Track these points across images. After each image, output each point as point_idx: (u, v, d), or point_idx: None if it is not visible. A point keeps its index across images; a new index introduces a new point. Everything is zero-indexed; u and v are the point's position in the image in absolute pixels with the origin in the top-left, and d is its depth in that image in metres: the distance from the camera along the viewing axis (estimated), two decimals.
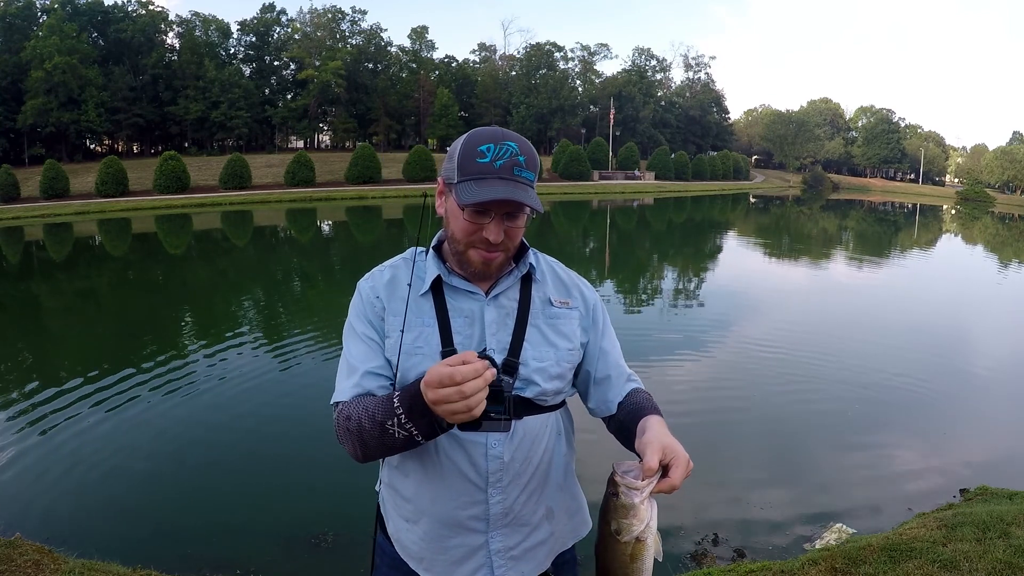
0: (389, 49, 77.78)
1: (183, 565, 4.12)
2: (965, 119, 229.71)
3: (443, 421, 1.15)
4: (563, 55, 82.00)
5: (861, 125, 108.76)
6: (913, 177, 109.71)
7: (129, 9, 65.26)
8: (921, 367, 8.81)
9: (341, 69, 67.53)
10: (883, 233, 35.79)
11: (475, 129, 1.36)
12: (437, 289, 1.40)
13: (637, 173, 67.89)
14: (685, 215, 41.76)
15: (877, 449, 6.20)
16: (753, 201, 60.32)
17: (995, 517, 3.93)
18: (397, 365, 1.34)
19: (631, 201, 51.13)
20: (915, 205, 66.65)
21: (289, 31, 74.01)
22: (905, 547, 3.61)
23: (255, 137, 70.94)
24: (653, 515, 1.15)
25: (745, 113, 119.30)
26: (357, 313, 1.43)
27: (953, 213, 58.61)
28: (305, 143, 76.55)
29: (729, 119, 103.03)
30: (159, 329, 11.35)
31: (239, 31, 72.88)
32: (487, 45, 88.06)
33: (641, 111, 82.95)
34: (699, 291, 15.40)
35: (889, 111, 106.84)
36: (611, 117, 71.95)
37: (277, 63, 74.64)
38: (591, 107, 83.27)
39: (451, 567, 1.41)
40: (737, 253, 24.04)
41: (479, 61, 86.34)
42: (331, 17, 73.80)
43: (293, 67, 73.20)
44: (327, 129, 77.56)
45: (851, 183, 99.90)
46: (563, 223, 32.76)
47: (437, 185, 1.43)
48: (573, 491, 1.56)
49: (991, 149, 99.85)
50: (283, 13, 74.14)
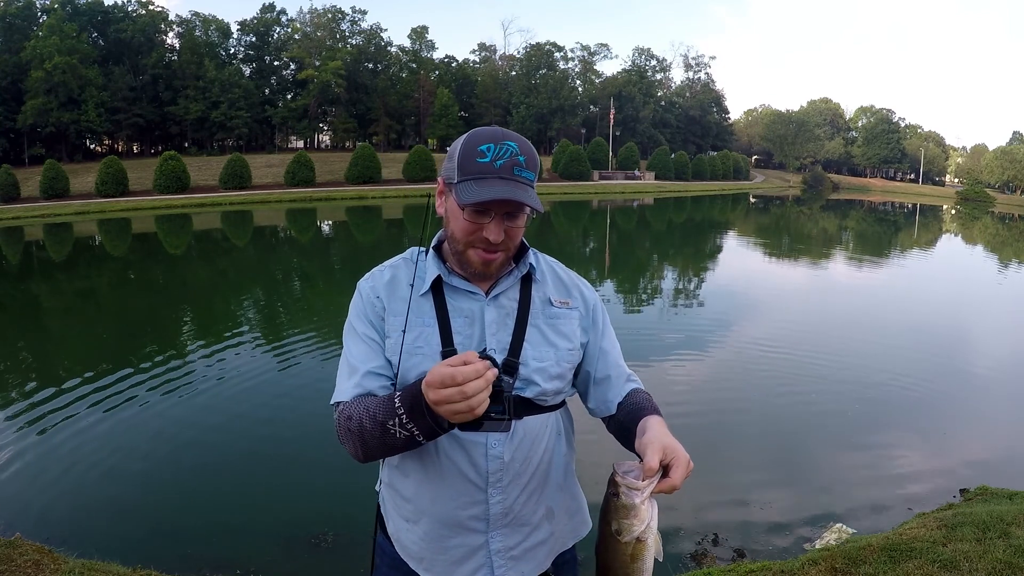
0: (389, 49, 77.82)
1: (183, 565, 4.12)
2: (965, 119, 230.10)
3: (444, 421, 1.15)
4: (563, 55, 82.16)
5: (861, 125, 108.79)
6: (913, 177, 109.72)
7: (129, 9, 65.30)
8: (921, 367, 8.81)
9: (341, 69, 67.55)
10: (883, 233, 35.78)
11: (475, 129, 1.36)
12: (437, 289, 1.40)
13: (637, 173, 67.90)
14: (685, 215, 41.75)
15: (877, 449, 6.19)
16: (753, 201, 60.32)
17: (995, 517, 3.93)
18: (398, 365, 1.34)
19: (631, 201, 51.13)
20: (915, 205, 66.65)
21: (289, 31, 74.05)
22: (905, 547, 3.61)
23: (255, 137, 70.96)
24: (654, 515, 1.15)
25: (745, 113, 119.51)
26: (357, 313, 1.43)
27: (953, 213, 58.60)
28: (305, 143, 76.56)
29: (729, 119, 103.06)
30: (159, 329, 11.35)
31: (239, 31, 72.97)
32: (487, 45, 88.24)
33: (641, 111, 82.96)
34: (699, 291, 15.40)
35: (889, 111, 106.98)
36: (611, 117, 71.94)
37: (277, 63, 74.67)
38: (591, 107, 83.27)
39: (451, 567, 1.41)
40: (737, 253, 24.04)
41: (479, 61, 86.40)
42: (331, 17, 73.82)
43: (293, 67, 73.23)
44: (327, 129, 77.58)
45: (851, 183, 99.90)
46: (563, 223, 32.76)
47: (437, 185, 1.43)
48: (573, 491, 1.56)
49: (991, 149, 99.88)
50: (283, 13, 74.27)
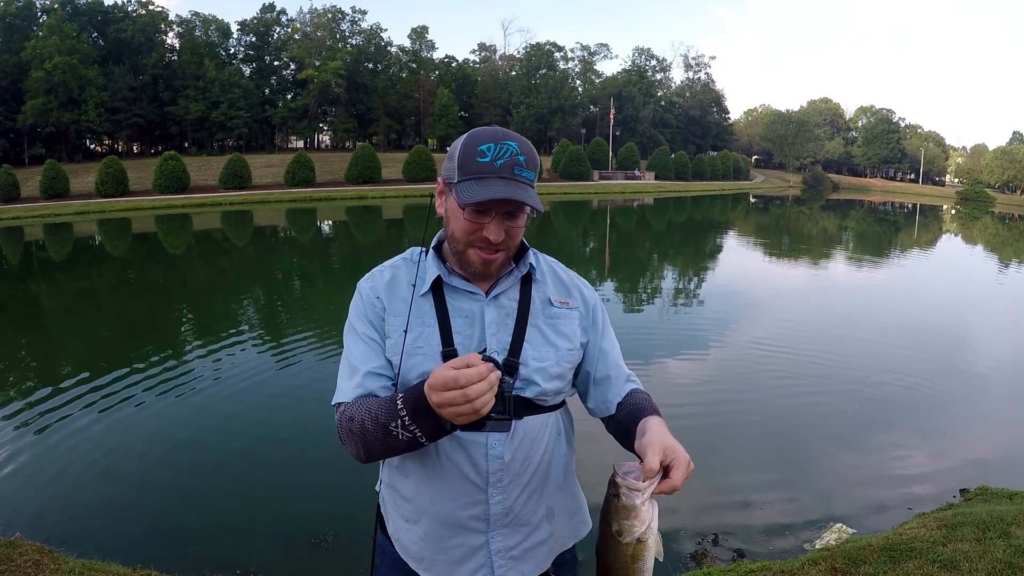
0: (389, 49, 77.80)
1: (183, 565, 4.11)
2: (965, 119, 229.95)
3: (447, 423, 1.15)
4: (563, 55, 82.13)
5: (861, 125, 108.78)
6: (913, 177, 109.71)
7: (129, 9, 65.29)
8: (921, 367, 8.81)
9: (341, 69, 67.54)
10: (883, 233, 35.78)
11: (475, 129, 1.36)
12: (437, 289, 1.40)
13: (637, 173, 67.89)
14: (685, 215, 41.75)
15: (877, 449, 6.20)
16: (753, 201, 60.32)
17: (995, 517, 3.93)
18: (399, 365, 1.34)
19: (631, 201, 51.13)
20: (915, 205, 66.64)
21: (289, 31, 74.04)
22: (905, 547, 3.61)
23: (255, 137, 70.95)
24: (654, 516, 1.15)
25: (745, 113, 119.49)
26: (357, 313, 1.43)
27: (953, 213, 58.60)
28: (305, 143, 76.56)
29: (729, 119, 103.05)
30: (159, 329, 11.34)
31: (239, 31, 72.94)
32: (487, 45, 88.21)
33: (641, 111, 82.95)
34: (699, 291, 15.40)
35: (889, 111, 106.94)
36: (611, 117, 71.94)
37: (277, 63, 74.66)
38: (591, 107, 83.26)
39: (451, 567, 1.41)
40: (737, 253, 24.04)
41: (479, 61, 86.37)
42: (331, 17, 73.82)
43: (293, 67, 73.22)
44: (327, 129, 77.56)
45: (851, 183, 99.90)
46: (563, 223, 32.76)
47: (437, 185, 1.43)
48: (573, 491, 1.56)
49: (991, 149, 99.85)
50: (283, 13, 74.25)
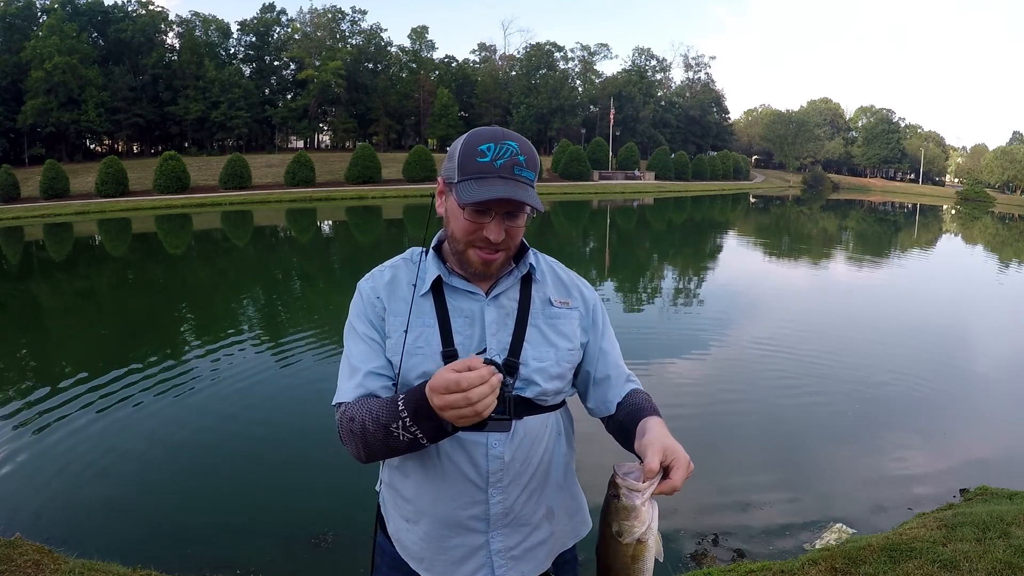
0: (389, 49, 77.79)
1: (183, 565, 4.11)
2: (965, 119, 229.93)
3: (449, 424, 1.15)
4: (563, 55, 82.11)
5: (861, 125, 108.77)
6: (913, 177, 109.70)
7: (129, 9, 65.28)
8: (921, 367, 8.81)
9: (341, 69, 67.54)
10: (883, 233, 35.78)
11: (475, 129, 1.36)
12: (437, 289, 1.40)
13: (637, 173, 67.89)
14: (685, 215, 41.75)
15: (877, 449, 6.19)
16: (753, 201, 60.32)
17: (995, 517, 3.93)
18: (399, 365, 1.34)
19: (631, 201, 51.12)
20: (915, 205, 66.64)
21: (289, 31, 74.03)
22: (905, 547, 3.61)
23: (255, 137, 70.94)
24: (654, 516, 1.15)
25: (745, 113, 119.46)
26: (358, 313, 1.43)
27: (953, 213, 58.60)
28: (305, 143, 76.55)
29: (729, 119, 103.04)
30: (160, 329, 11.34)
31: (239, 31, 72.93)
32: (487, 45, 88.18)
33: (641, 111, 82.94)
34: (699, 291, 15.40)
35: (889, 111, 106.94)
36: (611, 117, 71.93)
37: (277, 63, 74.65)
38: (591, 107, 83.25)
39: (451, 567, 1.41)
40: (737, 253, 24.04)
41: (479, 61, 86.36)
42: (331, 17, 73.81)
43: (293, 67, 73.20)
44: (327, 129, 77.56)
45: (851, 183, 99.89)
46: (563, 223, 32.76)
47: (437, 185, 1.43)
48: (573, 491, 1.56)
49: (991, 149, 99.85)
50: (283, 13, 74.23)
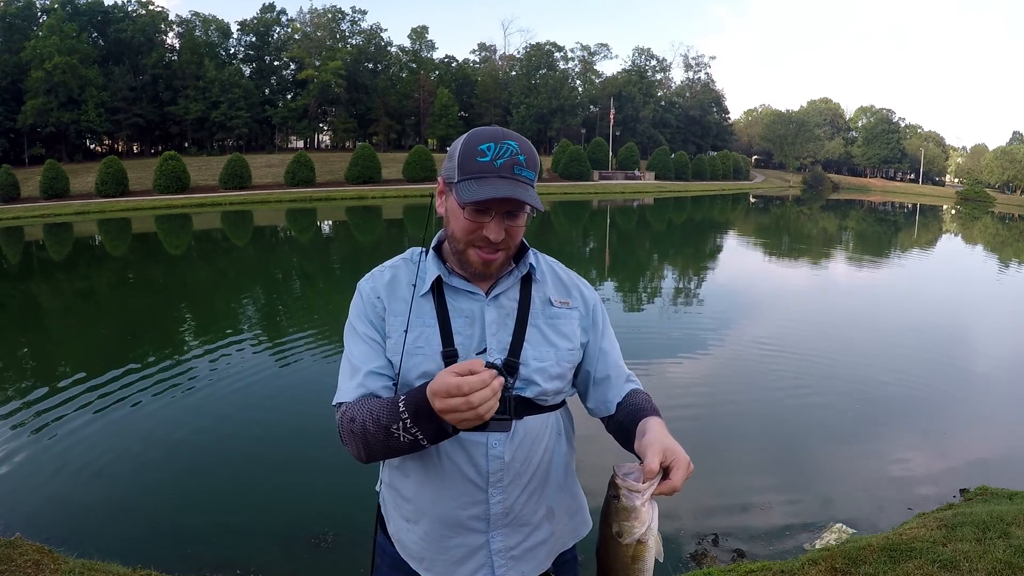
0: (389, 49, 77.80)
1: (183, 565, 4.11)
2: (965, 119, 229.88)
3: (450, 426, 1.15)
4: (563, 55, 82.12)
5: (861, 125, 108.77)
6: (913, 177, 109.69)
7: (129, 9, 65.28)
8: (922, 367, 8.81)
9: (341, 69, 67.54)
10: (883, 233, 35.78)
11: (475, 129, 1.37)
12: (437, 289, 1.40)
13: (637, 173, 67.89)
14: (685, 215, 41.75)
15: (877, 449, 6.19)
16: (753, 201, 60.31)
17: (995, 517, 3.93)
18: (400, 365, 1.34)
19: (631, 201, 51.13)
20: (915, 205, 66.64)
21: (289, 31, 74.03)
22: (905, 547, 3.61)
23: (255, 137, 70.94)
24: (654, 517, 1.15)
25: (745, 113, 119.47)
26: (358, 313, 1.43)
27: (953, 213, 58.60)
28: (305, 143, 76.54)
29: (729, 119, 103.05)
30: (160, 329, 11.34)
31: (239, 31, 72.93)
32: (487, 45, 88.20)
33: (641, 111, 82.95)
34: (699, 291, 15.40)
35: (889, 111, 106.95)
36: (611, 117, 71.93)
37: (277, 63, 74.65)
38: (591, 107, 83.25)
39: (452, 567, 1.41)
40: (737, 253, 24.04)
41: (479, 61, 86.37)
42: (331, 17, 73.81)
43: (293, 67, 73.21)
44: (327, 129, 77.55)
45: (851, 183, 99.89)
46: (563, 223, 32.76)
47: (437, 185, 1.43)
48: (573, 491, 1.56)
49: (991, 149, 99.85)
50: (283, 13, 74.25)
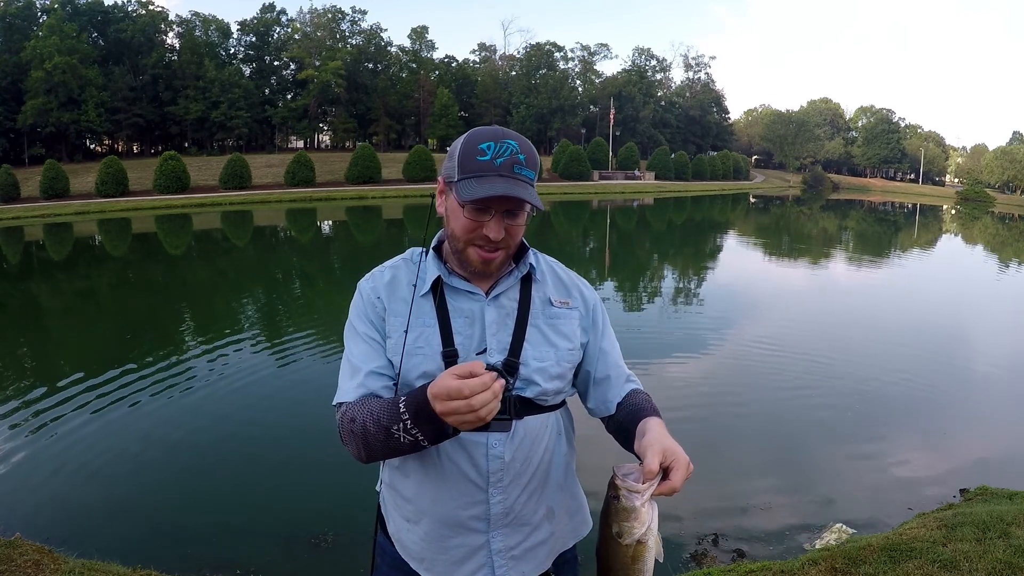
0: (389, 49, 77.81)
1: (183, 565, 4.11)
2: (965, 119, 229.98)
3: (450, 428, 1.16)
4: (563, 55, 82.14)
5: (861, 125, 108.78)
6: (913, 177, 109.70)
7: (129, 9, 65.30)
8: (921, 367, 8.81)
9: (341, 69, 67.55)
10: (883, 233, 35.78)
11: (475, 128, 1.37)
12: (437, 289, 1.40)
13: (637, 173, 67.89)
14: (685, 215, 41.75)
15: (877, 449, 6.19)
16: (753, 201, 60.31)
17: (995, 517, 3.93)
18: (400, 366, 1.34)
19: (631, 201, 51.13)
20: (915, 205, 66.64)
21: (289, 31, 74.05)
22: (905, 547, 3.61)
23: (255, 137, 70.95)
24: (654, 517, 1.15)
25: (745, 113, 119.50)
26: (358, 313, 1.43)
27: (953, 213, 58.59)
28: (305, 143, 76.56)
29: (729, 119, 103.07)
30: (160, 329, 11.34)
31: (239, 31, 72.96)
32: (487, 45, 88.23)
33: (641, 111, 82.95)
34: (699, 291, 15.40)
35: (889, 111, 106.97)
36: (611, 117, 71.95)
37: (277, 63, 74.67)
38: (591, 107, 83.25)
39: (452, 567, 1.41)
40: (737, 253, 24.03)
41: (479, 61, 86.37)
42: (331, 17, 73.82)
43: (293, 67, 73.23)
44: (327, 129, 77.57)
45: (851, 183, 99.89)
46: (563, 223, 32.75)
47: (437, 185, 1.43)
48: (573, 491, 1.56)
49: (991, 149, 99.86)
50: (283, 13, 74.28)
